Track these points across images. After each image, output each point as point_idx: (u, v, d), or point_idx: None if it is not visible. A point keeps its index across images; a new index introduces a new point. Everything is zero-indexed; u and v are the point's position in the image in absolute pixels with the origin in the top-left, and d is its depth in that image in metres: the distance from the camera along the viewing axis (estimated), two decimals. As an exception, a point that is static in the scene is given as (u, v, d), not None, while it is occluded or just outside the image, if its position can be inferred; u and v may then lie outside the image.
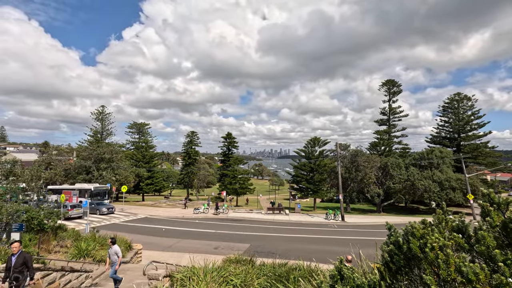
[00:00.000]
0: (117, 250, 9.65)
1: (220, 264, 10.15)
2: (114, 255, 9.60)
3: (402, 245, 1.87)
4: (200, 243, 20.11)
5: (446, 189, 38.65)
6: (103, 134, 56.44)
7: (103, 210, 31.58)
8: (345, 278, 1.80)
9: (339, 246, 19.71)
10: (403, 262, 1.84)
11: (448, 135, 54.42)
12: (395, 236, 2.05)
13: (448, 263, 1.49)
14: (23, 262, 6.34)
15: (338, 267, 1.96)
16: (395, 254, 1.89)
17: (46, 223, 13.15)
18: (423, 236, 1.74)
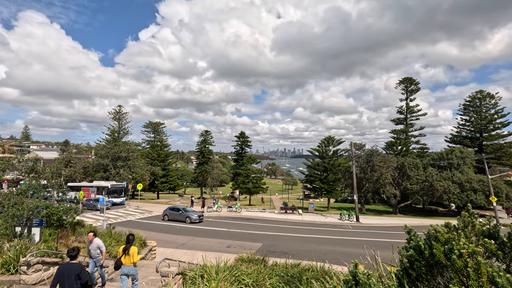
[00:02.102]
0: (100, 244, 8.47)
1: (232, 263, 10.13)
2: (95, 249, 8.40)
3: (424, 251, 1.71)
4: (212, 241, 20.21)
5: (467, 191, 37.13)
6: (120, 133, 57.89)
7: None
8: (360, 284, 1.67)
9: (353, 247, 19.30)
10: (425, 269, 1.68)
11: (469, 134, 52.25)
12: (415, 241, 1.89)
13: (479, 273, 1.32)
14: None
15: (352, 271, 1.83)
16: (415, 260, 1.73)
17: (65, 219, 13.53)
18: (448, 241, 1.58)
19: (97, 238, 8.60)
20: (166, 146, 59.21)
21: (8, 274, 7.85)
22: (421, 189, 38.45)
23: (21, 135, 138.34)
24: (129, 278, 7.40)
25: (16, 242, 8.59)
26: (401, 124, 57.99)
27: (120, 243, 15.08)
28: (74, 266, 5.75)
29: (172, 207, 29.27)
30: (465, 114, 52.55)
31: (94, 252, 8.38)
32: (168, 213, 28.26)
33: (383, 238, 22.72)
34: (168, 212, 28.42)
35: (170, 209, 28.88)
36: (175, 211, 28.24)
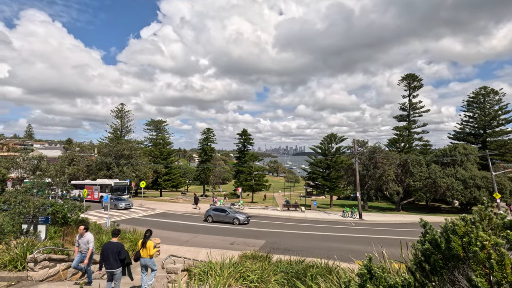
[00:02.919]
0: (90, 239, 8.04)
1: (236, 260, 10.18)
2: (85, 244, 8.01)
3: (440, 244, 1.70)
4: (216, 239, 20.28)
5: (470, 188, 36.96)
6: (123, 131, 58.12)
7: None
8: (376, 277, 1.67)
9: (357, 244, 19.31)
10: (442, 262, 1.67)
11: (472, 131, 51.95)
12: (431, 234, 1.88)
13: (503, 264, 1.31)
14: None
15: (367, 265, 1.82)
16: (432, 253, 1.72)
17: (70, 217, 13.61)
18: (466, 234, 1.57)
19: (89, 233, 8.16)
20: (169, 144, 59.35)
21: (15, 270, 7.92)
22: (424, 186, 38.32)
23: (25, 133, 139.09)
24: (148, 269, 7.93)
25: (23, 239, 8.67)
26: (403, 121, 57.71)
27: (124, 239, 15.18)
28: (115, 244, 7.21)
29: (216, 208, 27.61)
30: (469, 111, 52.24)
31: (84, 247, 8.05)
32: (212, 214, 26.60)
33: (387, 235, 22.70)
34: (212, 213, 26.75)
35: (214, 210, 27.20)
36: (220, 212, 26.60)
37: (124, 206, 31.21)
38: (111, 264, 6.97)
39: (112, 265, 6.96)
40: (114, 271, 7.00)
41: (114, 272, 7.01)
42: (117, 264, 7.01)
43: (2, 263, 7.96)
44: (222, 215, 26.19)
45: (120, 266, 7.10)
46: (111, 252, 6.98)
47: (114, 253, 6.98)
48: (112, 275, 7.04)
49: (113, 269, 6.98)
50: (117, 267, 7.02)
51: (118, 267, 7.05)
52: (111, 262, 6.96)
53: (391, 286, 1.58)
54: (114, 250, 7.00)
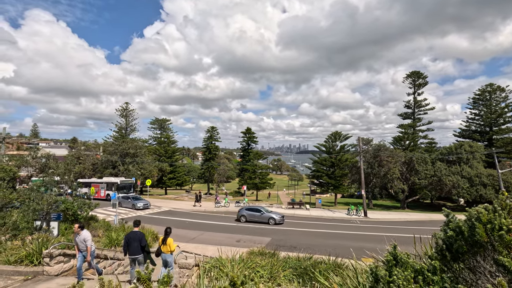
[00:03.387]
0: (87, 237, 7.93)
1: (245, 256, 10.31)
2: (82, 242, 7.96)
3: (464, 231, 1.80)
4: (222, 236, 20.46)
5: (476, 185, 36.77)
6: (127, 130, 58.48)
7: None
8: (402, 263, 1.77)
9: (363, 242, 19.36)
10: (466, 247, 1.77)
11: (478, 128, 51.53)
12: (454, 222, 1.97)
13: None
14: None
15: (393, 252, 1.93)
16: (455, 240, 1.82)
17: (80, 214, 13.86)
18: (489, 221, 1.66)
19: (86, 231, 8.09)
20: (173, 142, 59.68)
21: (31, 265, 8.13)
22: (430, 184, 38.17)
23: (30, 132, 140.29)
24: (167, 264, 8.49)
25: (37, 235, 8.88)
26: (408, 118, 57.40)
27: (134, 237, 15.45)
28: (137, 233, 8.10)
29: (250, 208, 26.93)
30: (475, 108, 51.81)
31: (82, 245, 7.94)
32: (245, 214, 25.93)
33: (393, 233, 22.71)
34: (245, 213, 26.05)
35: (247, 209, 26.49)
36: (254, 211, 25.93)
37: (142, 206, 30.53)
38: (133, 250, 7.88)
39: (135, 251, 7.87)
40: (137, 257, 7.92)
41: (136, 257, 7.93)
42: (138, 250, 7.91)
43: (18, 258, 8.18)
44: (257, 214, 25.50)
45: (141, 252, 7.95)
46: (133, 240, 7.90)
47: (136, 240, 7.91)
48: (134, 260, 7.97)
49: (136, 255, 7.90)
50: (138, 253, 7.92)
51: (140, 253, 7.94)
52: (133, 249, 7.88)
53: (417, 270, 1.68)
54: (136, 238, 7.94)
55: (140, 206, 30.49)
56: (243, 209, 26.76)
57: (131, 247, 7.93)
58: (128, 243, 8.00)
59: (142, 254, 8.02)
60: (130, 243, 7.97)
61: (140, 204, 30.67)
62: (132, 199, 31.48)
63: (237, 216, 26.74)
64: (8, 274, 7.83)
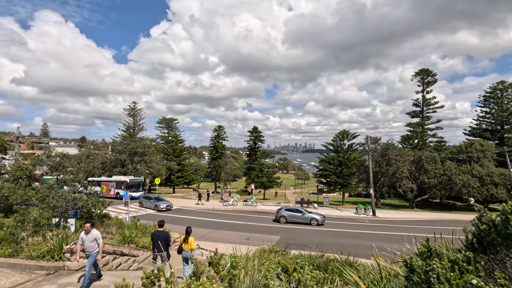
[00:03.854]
0: (98, 235, 7.54)
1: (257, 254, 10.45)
2: (92, 241, 7.38)
3: (497, 225, 1.89)
4: (231, 234, 20.66)
5: (487, 185, 36.25)
6: (135, 129, 59.15)
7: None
8: (437, 254, 1.87)
9: (372, 240, 19.31)
10: (499, 240, 1.86)
11: (489, 127, 50.71)
12: (486, 217, 2.06)
13: None
14: None
15: (426, 245, 2.03)
16: (489, 233, 1.91)
17: (94, 212, 14.18)
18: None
19: (95, 229, 7.67)
20: (181, 141, 60.16)
21: (53, 260, 8.40)
22: (439, 183, 37.77)
23: (41, 132, 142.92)
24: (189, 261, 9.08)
25: (57, 232, 9.16)
26: (417, 117, 56.80)
27: (146, 234, 15.71)
28: (162, 232, 8.93)
29: (290, 208, 26.45)
30: (485, 106, 51.00)
31: (89, 245, 7.34)
32: (285, 215, 25.32)
33: (402, 232, 22.54)
34: (285, 213, 25.42)
35: (288, 210, 25.91)
36: (295, 212, 25.42)
37: (165, 207, 29.64)
38: (159, 247, 8.60)
39: (160, 248, 8.58)
40: (161, 254, 8.68)
41: (161, 254, 8.69)
42: (163, 248, 8.62)
43: (40, 253, 8.46)
44: (298, 215, 24.97)
45: (165, 250, 8.75)
46: (159, 238, 8.71)
47: (162, 239, 8.70)
48: (159, 257, 8.80)
49: (160, 252, 8.65)
50: (163, 251, 8.63)
51: (164, 251, 8.69)
52: (159, 246, 8.59)
53: (452, 261, 1.77)
54: (161, 237, 8.76)
55: (163, 208, 29.45)
56: (283, 209, 25.98)
57: (156, 244, 8.69)
58: (154, 241, 8.79)
59: (166, 251, 8.81)
60: (155, 241, 8.75)
61: (163, 205, 29.68)
62: (155, 199, 30.72)
63: (275, 217, 26.05)
64: (31, 269, 8.11)
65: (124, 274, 9.20)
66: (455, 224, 26.85)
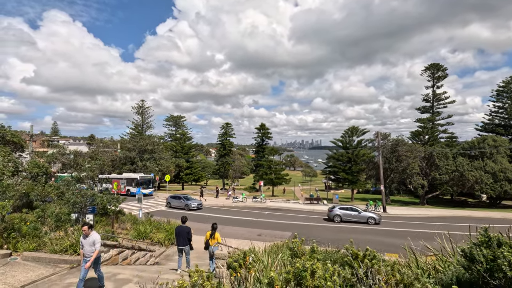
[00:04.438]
0: (97, 238, 6.70)
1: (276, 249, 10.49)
2: (91, 245, 6.61)
3: None
4: (243, 230, 20.76)
5: (501, 181, 35.57)
6: (144, 127, 59.73)
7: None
8: (500, 243, 1.85)
9: (385, 237, 19.23)
10: None
11: (502, 122, 49.58)
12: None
13: None
14: None
15: (485, 234, 2.02)
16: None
17: (109, 208, 14.40)
18: None
19: (94, 232, 6.84)
20: (189, 139, 60.54)
21: (75, 254, 8.58)
22: (451, 179, 37.23)
23: (51, 130, 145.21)
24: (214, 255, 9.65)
25: (78, 227, 9.34)
26: (427, 112, 55.83)
27: (160, 229, 15.92)
28: (185, 228, 9.48)
29: (345, 207, 25.67)
30: (498, 101, 49.81)
31: (88, 249, 6.61)
32: (340, 214, 24.58)
33: (414, 229, 22.40)
34: (340, 212, 24.70)
35: (342, 208, 25.26)
36: (350, 211, 24.83)
37: (196, 206, 28.99)
38: (182, 242, 9.34)
39: (182, 243, 9.35)
40: (184, 248, 9.42)
41: (184, 248, 9.42)
42: (185, 242, 9.38)
43: (63, 248, 8.65)
44: (354, 214, 24.39)
45: (188, 244, 9.47)
46: (182, 233, 9.35)
47: (185, 234, 9.37)
48: (181, 250, 9.45)
49: (183, 246, 9.40)
50: (185, 244, 9.42)
51: (186, 245, 9.43)
52: (182, 241, 9.33)
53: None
54: (184, 232, 9.39)
55: (194, 207, 28.80)
56: (336, 208, 25.27)
57: (179, 239, 9.34)
58: (177, 236, 9.41)
59: (188, 245, 9.48)
60: (178, 236, 9.37)
61: (193, 204, 29.01)
62: (184, 199, 29.95)
63: (328, 215, 25.27)
64: (55, 262, 8.31)
65: (143, 268, 9.37)
66: (470, 221, 26.45)
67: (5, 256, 8.17)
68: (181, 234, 9.31)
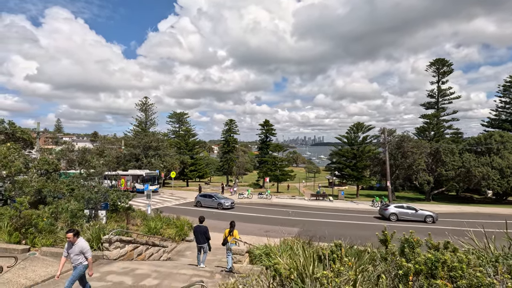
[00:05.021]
0: (85, 246, 5.79)
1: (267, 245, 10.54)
2: (77, 254, 5.72)
3: None
4: (251, 226, 20.79)
5: (508, 177, 35.31)
6: (147, 124, 59.75)
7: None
8: None
9: (396, 233, 19.12)
10: None
11: (509, 117, 49.16)
12: None
13: None
14: None
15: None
16: None
17: (119, 204, 14.44)
18: None
19: (82, 239, 5.89)
20: (194, 135, 60.55)
21: (92, 250, 8.60)
22: (457, 175, 37.01)
23: (54, 127, 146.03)
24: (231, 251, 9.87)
25: (94, 223, 9.38)
26: (432, 108, 55.41)
27: (170, 225, 15.98)
28: (202, 227, 9.81)
29: (400, 205, 25.27)
30: (505, 96, 49.34)
31: (75, 258, 5.73)
32: (396, 212, 24.13)
33: (423, 225, 22.34)
34: (396, 211, 24.26)
35: (397, 207, 24.76)
36: (406, 209, 24.38)
37: (230, 204, 28.14)
38: (200, 240, 9.73)
39: (201, 241, 9.74)
40: (202, 246, 9.81)
41: (202, 246, 9.80)
42: (204, 240, 9.76)
43: (80, 243, 8.67)
44: (410, 212, 24.06)
45: (206, 242, 9.82)
46: (200, 232, 9.73)
47: (202, 233, 9.73)
48: (201, 248, 9.86)
49: (202, 244, 9.78)
50: (204, 243, 9.79)
51: (205, 243, 9.80)
52: (200, 239, 9.72)
53: None
54: (202, 231, 9.77)
55: (228, 206, 27.92)
56: (391, 206, 24.84)
57: (198, 238, 9.79)
58: (196, 235, 9.87)
59: (207, 243, 9.88)
60: (197, 234, 9.81)
61: (227, 203, 28.16)
62: (216, 197, 29.00)
63: (383, 214, 24.82)
64: (73, 258, 8.33)
65: (159, 264, 9.40)
66: (478, 217, 26.35)
67: (24, 251, 8.22)
68: (199, 233, 9.77)
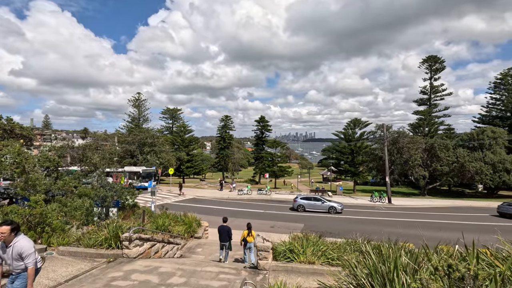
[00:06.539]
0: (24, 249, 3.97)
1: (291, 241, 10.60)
2: (17, 259, 3.98)
3: None
4: (255, 222, 20.64)
5: (499, 172, 36.42)
6: (140, 120, 58.83)
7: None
8: None
9: (397, 227, 19.50)
10: None
11: (499, 114, 50.49)
12: None
13: None
14: None
15: None
16: None
17: (126, 201, 14.20)
18: None
19: (22, 238, 4.09)
20: (189, 131, 60.03)
21: (110, 249, 8.44)
22: (451, 170, 37.91)
23: (42, 124, 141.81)
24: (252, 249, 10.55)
25: (111, 220, 9.17)
26: (424, 104, 56.43)
27: (178, 222, 15.80)
28: (225, 227, 10.88)
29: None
30: (496, 93, 50.67)
31: (14, 264, 4.02)
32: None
33: (421, 219, 22.83)
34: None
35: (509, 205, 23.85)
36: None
37: (341, 208, 25.07)
38: (224, 238, 10.61)
39: (224, 239, 10.65)
40: (225, 243, 10.65)
41: (225, 244, 10.64)
42: (226, 239, 10.66)
43: (98, 242, 8.49)
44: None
45: (229, 240, 10.72)
46: (224, 231, 10.71)
47: (226, 232, 10.72)
48: (223, 246, 10.67)
49: (225, 242, 10.64)
50: (227, 241, 10.68)
51: (227, 241, 10.70)
52: (223, 238, 10.61)
53: None
54: (225, 230, 10.77)
55: (340, 209, 24.92)
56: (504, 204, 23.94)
57: (221, 236, 10.67)
58: (220, 233, 10.74)
59: (229, 241, 10.78)
60: (220, 233, 10.70)
61: (339, 207, 25.10)
62: (314, 199, 26.00)
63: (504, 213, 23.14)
64: (92, 257, 8.15)
65: (180, 261, 9.28)
66: (472, 211, 27.10)
67: (41, 251, 7.97)
68: (223, 232, 10.70)
